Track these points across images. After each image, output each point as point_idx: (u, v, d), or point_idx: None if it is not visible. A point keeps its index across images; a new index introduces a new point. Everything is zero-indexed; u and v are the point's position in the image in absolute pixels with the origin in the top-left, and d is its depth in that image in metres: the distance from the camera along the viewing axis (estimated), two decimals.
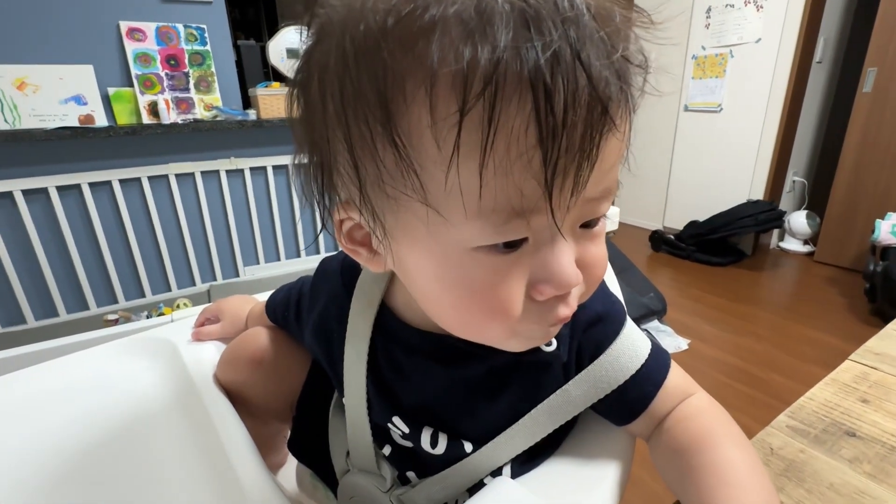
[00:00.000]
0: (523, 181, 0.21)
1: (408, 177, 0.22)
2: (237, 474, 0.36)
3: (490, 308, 0.25)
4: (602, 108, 0.21)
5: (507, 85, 0.19)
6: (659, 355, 0.35)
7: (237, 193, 2.02)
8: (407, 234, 0.25)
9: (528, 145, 0.20)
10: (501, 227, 0.22)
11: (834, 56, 2.73)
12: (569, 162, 0.21)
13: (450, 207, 0.22)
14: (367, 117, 0.22)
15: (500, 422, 0.34)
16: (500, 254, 0.24)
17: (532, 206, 0.22)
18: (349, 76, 0.22)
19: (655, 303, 1.92)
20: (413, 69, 0.20)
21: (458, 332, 0.29)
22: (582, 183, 0.22)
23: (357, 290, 0.37)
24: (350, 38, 0.21)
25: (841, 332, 1.90)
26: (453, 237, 0.23)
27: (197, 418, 0.42)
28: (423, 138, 0.21)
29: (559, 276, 0.24)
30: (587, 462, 0.34)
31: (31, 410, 0.44)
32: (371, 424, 0.37)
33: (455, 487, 0.35)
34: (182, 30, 1.81)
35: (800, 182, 2.92)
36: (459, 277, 0.25)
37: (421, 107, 0.20)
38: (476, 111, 0.20)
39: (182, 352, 0.51)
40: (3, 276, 1.64)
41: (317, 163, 0.27)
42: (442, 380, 0.34)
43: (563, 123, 0.20)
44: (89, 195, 1.72)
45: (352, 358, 0.37)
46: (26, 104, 1.61)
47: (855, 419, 0.40)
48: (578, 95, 0.20)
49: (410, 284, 0.29)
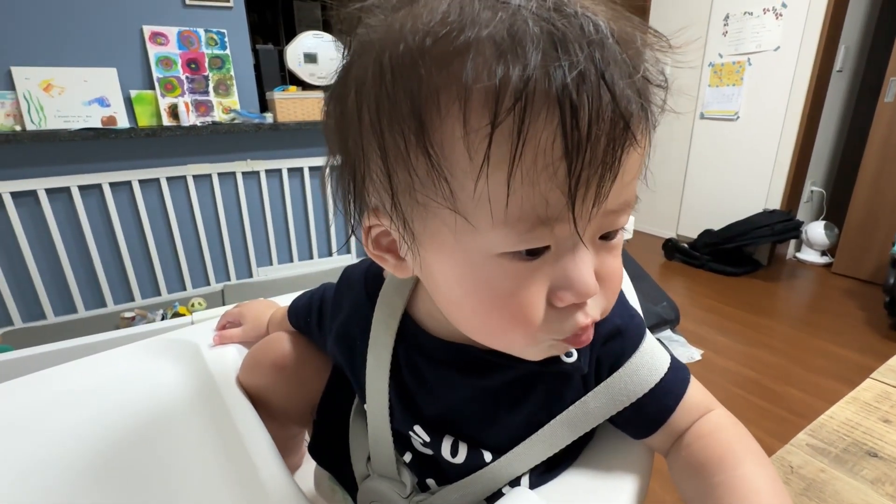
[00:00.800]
0: (549, 191, 0.22)
1: (439, 185, 0.23)
2: (259, 476, 0.36)
3: (511, 313, 0.26)
4: (624, 123, 0.22)
5: (535, 100, 0.21)
6: (678, 370, 0.35)
7: (252, 195, 2.05)
8: (434, 240, 0.26)
9: (554, 157, 0.21)
10: (526, 234, 0.23)
11: (854, 65, 2.68)
12: (592, 174, 0.22)
13: (477, 215, 0.23)
14: (402, 128, 0.23)
15: (519, 432, 0.34)
16: (523, 261, 0.25)
17: (556, 214, 0.23)
18: (386, 90, 0.23)
19: (668, 312, 1.90)
20: (448, 85, 0.22)
21: (479, 337, 0.29)
22: (604, 194, 0.23)
23: (380, 298, 0.38)
24: (389, 56, 0.23)
25: (859, 347, 1.86)
26: (479, 244, 0.24)
27: (220, 419, 0.43)
28: (455, 149, 0.22)
29: (578, 284, 0.25)
30: (606, 475, 0.34)
31: (62, 408, 0.46)
32: (392, 432, 0.38)
33: (473, 496, 0.35)
34: (203, 34, 1.85)
35: (818, 192, 2.87)
36: (483, 283, 0.26)
37: (454, 120, 0.22)
38: (506, 124, 0.21)
39: (205, 354, 0.52)
40: (25, 273, 1.69)
41: (350, 170, 0.28)
42: (464, 390, 0.35)
43: (587, 137, 0.21)
44: (110, 195, 1.76)
45: (374, 366, 0.37)
46: (52, 105, 1.66)
47: (877, 439, 0.39)
48: (602, 111, 0.21)
49: (435, 290, 0.30)
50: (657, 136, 0.27)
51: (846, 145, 2.92)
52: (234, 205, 2.03)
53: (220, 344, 0.54)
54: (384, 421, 0.37)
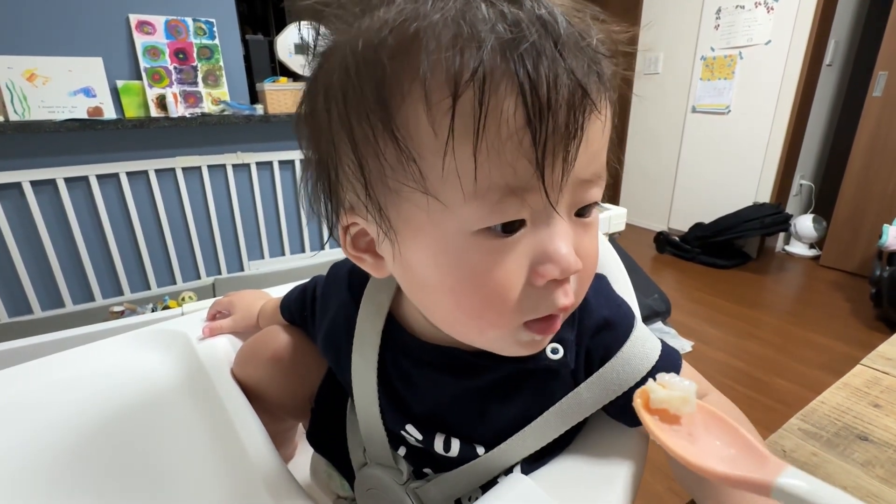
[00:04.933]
0: (515, 160, 0.23)
1: (408, 167, 0.24)
2: (254, 466, 0.36)
3: (487, 293, 0.25)
4: (582, 91, 0.23)
5: (494, 72, 0.21)
6: (669, 356, 0.35)
7: (243, 188, 2.03)
8: (409, 225, 0.26)
9: (517, 126, 0.22)
10: (497, 205, 0.23)
11: (844, 59, 2.71)
12: (557, 142, 0.23)
13: (447, 192, 0.24)
14: (369, 116, 0.24)
15: (511, 426, 0.34)
16: (499, 237, 0.25)
17: (525, 183, 0.23)
18: (351, 83, 0.24)
19: (659, 304, 1.92)
20: (409, 68, 0.22)
21: (451, 327, 0.29)
22: (570, 160, 0.23)
23: (365, 298, 0.38)
24: (351, 52, 0.24)
25: (846, 337, 1.89)
26: (453, 222, 0.24)
27: (213, 410, 0.42)
28: (421, 128, 0.23)
29: (558, 256, 0.25)
30: (600, 461, 0.34)
31: (48, 401, 0.45)
32: (385, 430, 0.38)
33: (469, 484, 0.35)
34: (191, 23, 1.82)
35: (807, 185, 2.91)
36: (459, 262, 0.25)
37: (417, 100, 0.23)
38: (467, 97, 0.22)
39: (195, 344, 0.51)
40: (11, 267, 1.66)
41: (323, 168, 0.29)
42: (452, 389, 0.35)
43: (548, 105, 0.22)
44: (97, 187, 1.73)
45: (360, 367, 0.37)
46: (36, 96, 1.62)
47: (867, 423, 0.40)
48: (559, 80, 0.22)
49: (411, 283, 0.29)
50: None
51: (835, 139, 2.96)
52: (225, 198, 2.00)
53: (211, 335, 0.54)
54: (376, 420, 0.37)
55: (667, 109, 3.16)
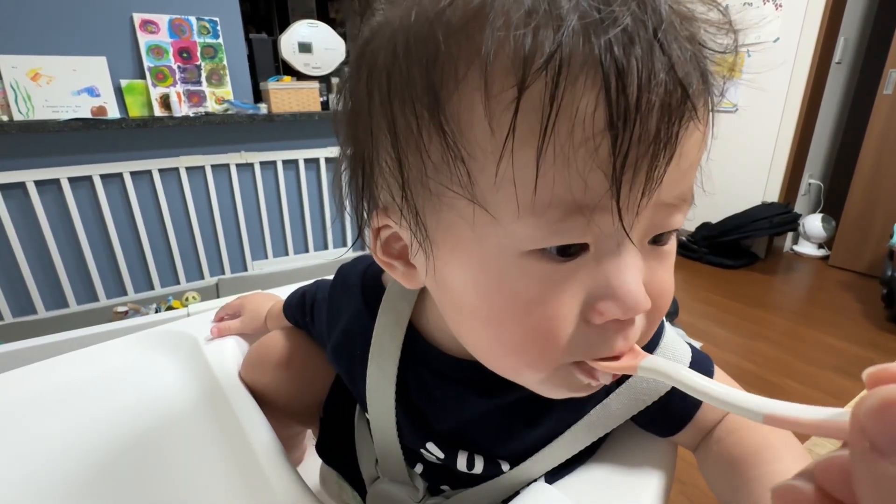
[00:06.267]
0: (587, 171, 0.18)
1: (454, 168, 0.20)
2: (264, 472, 0.35)
3: (533, 326, 0.21)
4: (683, 91, 0.18)
5: (573, 60, 0.17)
6: (701, 362, 0.33)
7: (247, 187, 2.02)
8: (449, 236, 0.23)
9: (594, 129, 0.18)
10: (558, 224, 0.19)
11: (854, 57, 2.68)
12: (641, 153, 0.18)
13: (499, 203, 0.20)
14: (414, 104, 0.20)
15: (538, 443, 0.33)
16: (554, 262, 0.21)
17: (595, 202, 0.19)
18: (398, 65, 0.20)
19: None
20: (467, 49, 0.19)
21: (485, 356, 0.26)
22: (656, 179, 0.19)
23: (384, 306, 0.35)
24: (402, 28, 0.20)
25: (856, 339, 1.86)
26: (502, 239, 0.21)
27: (221, 412, 0.42)
28: (474, 123, 0.19)
29: (624, 293, 0.20)
30: (629, 470, 0.33)
31: (56, 403, 0.44)
32: (402, 447, 0.36)
33: (490, 500, 0.34)
34: (195, 22, 1.81)
35: (815, 185, 2.88)
36: (504, 286, 0.21)
37: (474, 88, 0.19)
38: (537, 89, 0.18)
39: (203, 346, 0.50)
40: (15, 267, 1.65)
41: (359, 161, 0.25)
42: (477, 406, 0.32)
43: (636, 107, 0.17)
44: (101, 187, 1.72)
45: (377, 380, 0.34)
46: (40, 95, 1.62)
47: None
48: (655, 76, 0.17)
49: (445, 300, 0.26)
50: None
51: (844, 138, 2.92)
52: (228, 197, 1.99)
53: (219, 336, 0.53)
54: (392, 437, 0.35)
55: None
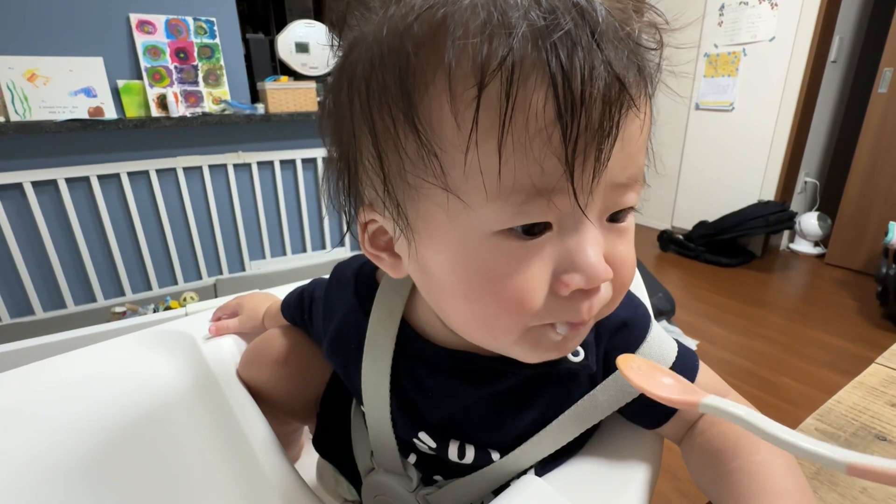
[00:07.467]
0: (543, 158, 0.21)
1: (429, 162, 0.23)
2: (262, 468, 0.35)
3: (506, 298, 0.24)
4: (620, 84, 0.21)
5: (524, 62, 0.20)
6: (686, 357, 0.34)
7: (244, 187, 2.02)
8: (428, 224, 0.25)
9: (546, 121, 0.20)
10: (521, 206, 0.22)
11: (849, 55, 2.69)
12: (589, 140, 0.21)
13: (469, 190, 0.22)
14: (391, 108, 0.23)
15: (527, 431, 0.33)
16: (521, 240, 0.23)
17: (553, 184, 0.22)
18: (375, 74, 0.23)
19: (664, 303, 1.90)
20: (433, 57, 0.21)
21: (468, 331, 0.28)
22: (604, 161, 0.22)
23: (377, 302, 0.36)
24: (376, 41, 0.23)
25: (852, 336, 1.87)
26: (474, 222, 0.23)
27: (220, 412, 0.42)
28: (443, 121, 0.22)
29: (586, 264, 0.23)
30: (616, 462, 0.33)
31: (54, 403, 0.44)
32: (396, 438, 0.37)
33: (481, 489, 0.35)
34: (192, 23, 1.81)
35: (811, 183, 2.89)
36: (477, 264, 0.24)
37: (441, 91, 0.21)
38: (494, 88, 0.20)
39: (201, 345, 0.51)
40: (12, 268, 1.65)
41: (344, 162, 0.28)
42: (469, 397, 0.34)
43: (581, 100, 0.20)
44: (98, 187, 1.73)
45: (372, 374, 0.36)
46: (36, 96, 1.62)
47: (885, 423, 0.39)
48: (595, 72, 0.20)
49: (428, 285, 0.28)
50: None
51: (840, 136, 2.93)
52: (226, 197, 2.00)
53: (217, 335, 0.53)
54: (387, 429, 0.36)
55: (670, 106, 3.14)
